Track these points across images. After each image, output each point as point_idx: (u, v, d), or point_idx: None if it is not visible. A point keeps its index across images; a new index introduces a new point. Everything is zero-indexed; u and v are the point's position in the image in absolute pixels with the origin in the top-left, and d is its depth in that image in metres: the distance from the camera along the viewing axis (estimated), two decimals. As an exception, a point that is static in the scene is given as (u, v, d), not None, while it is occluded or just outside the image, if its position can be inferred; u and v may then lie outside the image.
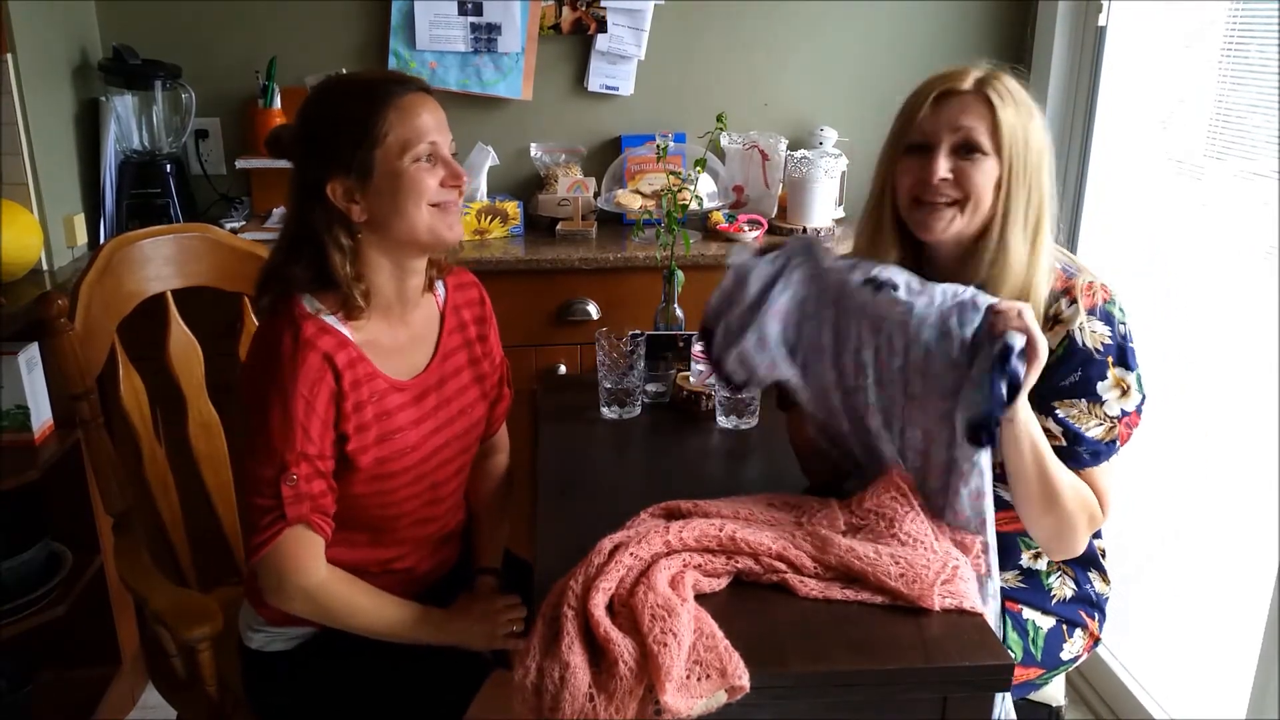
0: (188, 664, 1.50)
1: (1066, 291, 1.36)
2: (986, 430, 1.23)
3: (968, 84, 1.33)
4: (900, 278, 1.29)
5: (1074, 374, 1.34)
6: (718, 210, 2.46)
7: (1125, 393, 1.35)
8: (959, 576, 1.21)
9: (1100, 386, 1.34)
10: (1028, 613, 1.48)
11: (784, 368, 1.36)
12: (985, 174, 1.32)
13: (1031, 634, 1.47)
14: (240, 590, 1.57)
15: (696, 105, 2.59)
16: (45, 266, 2.14)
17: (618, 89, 2.59)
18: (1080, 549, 1.43)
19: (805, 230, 2.45)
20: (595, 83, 2.58)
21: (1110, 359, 1.34)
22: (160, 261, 1.68)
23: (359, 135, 1.31)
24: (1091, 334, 1.34)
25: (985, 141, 1.31)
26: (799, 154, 2.46)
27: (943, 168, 1.32)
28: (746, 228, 2.42)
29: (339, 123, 1.32)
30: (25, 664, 2.18)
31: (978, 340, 1.23)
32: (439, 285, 1.52)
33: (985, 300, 1.24)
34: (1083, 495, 1.36)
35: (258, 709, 1.50)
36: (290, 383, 1.29)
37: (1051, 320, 1.36)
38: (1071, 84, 2.46)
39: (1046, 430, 1.34)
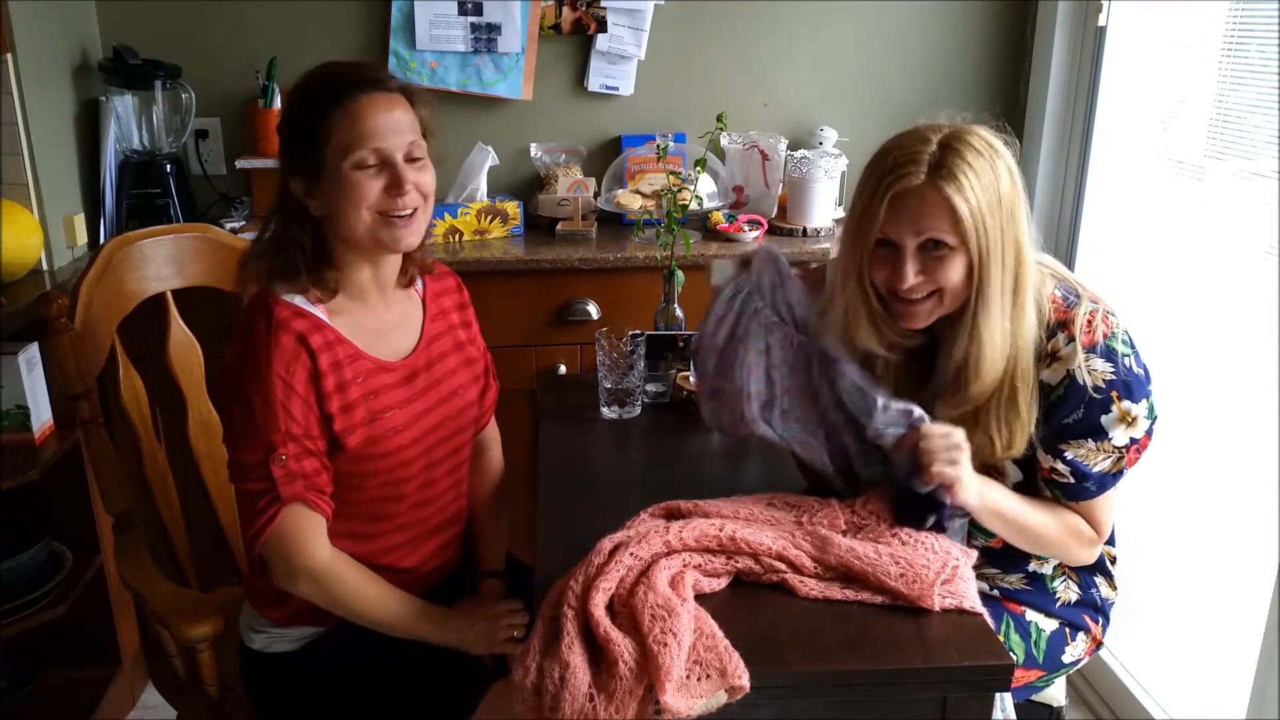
0: (188, 664, 1.50)
1: (1064, 326, 1.32)
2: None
3: (920, 178, 1.24)
4: (850, 371, 1.33)
5: (1076, 412, 1.32)
6: (718, 210, 2.46)
7: (1132, 423, 1.32)
8: (959, 576, 1.21)
9: (1105, 420, 1.32)
10: (1030, 615, 1.48)
11: (759, 426, 1.38)
12: (955, 268, 1.27)
13: (1034, 636, 1.47)
14: (241, 590, 1.57)
15: (696, 105, 2.59)
16: (45, 266, 2.14)
17: (618, 89, 2.59)
18: (1083, 562, 1.44)
19: (805, 231, 2.45)
20: (595, 83, 2.58)
21: (1115, 393, 1.31)
22: (160, 261, 1.68)
23: (308, 134, 1.32)
24: (1091, 372, 1.31)
25: (950, 237, 1.26)
26: (799, 154, 2.46)
27: (911, 273, 1.28)
28: (746, 228, 2.42)
29: (298, 118, 1.34)
30: (25, 664, 2.18)
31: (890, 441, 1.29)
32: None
33: (913, 417, 1.28)
34: (1069, 524, 1.38)
35: (259, 710, 1.50)
36: (266, 365, 1.29)
37: (1050, 357, 1.33)
38: (1071, 84, 2.46)
39: (1055, 470, 1.35)
